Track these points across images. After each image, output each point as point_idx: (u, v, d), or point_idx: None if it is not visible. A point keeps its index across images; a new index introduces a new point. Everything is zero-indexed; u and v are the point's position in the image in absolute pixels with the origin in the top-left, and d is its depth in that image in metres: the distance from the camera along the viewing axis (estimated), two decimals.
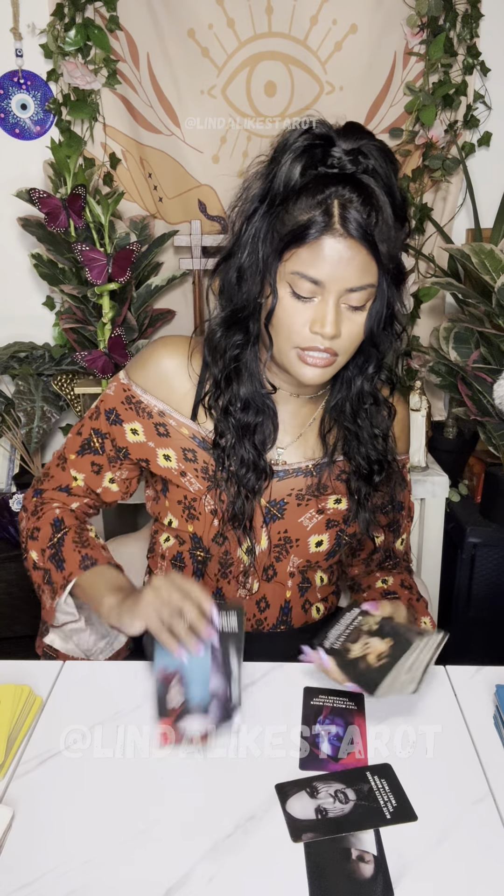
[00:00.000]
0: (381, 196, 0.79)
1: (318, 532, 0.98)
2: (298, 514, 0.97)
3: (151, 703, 0.80)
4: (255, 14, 1.81)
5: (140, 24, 1.80)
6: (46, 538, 0.96)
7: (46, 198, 1.71)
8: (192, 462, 0.95)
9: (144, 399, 0.95)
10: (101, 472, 1.00)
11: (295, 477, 0.96)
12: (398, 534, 1.08)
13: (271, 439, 0.94)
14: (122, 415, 0.96)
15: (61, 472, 1.01)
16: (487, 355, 1.64)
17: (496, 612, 1.79)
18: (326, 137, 0.79)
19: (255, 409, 0.92)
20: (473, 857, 0.66)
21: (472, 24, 1.80)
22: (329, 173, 0.78)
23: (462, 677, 0.89)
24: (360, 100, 1.88)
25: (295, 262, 0.80)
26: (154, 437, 0.95)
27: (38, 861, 0.64)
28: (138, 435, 0.96)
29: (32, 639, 1.07)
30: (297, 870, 0.64)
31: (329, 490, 0.97)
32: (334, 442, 0.97)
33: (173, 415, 0.94)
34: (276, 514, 0.97)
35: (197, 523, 0.97)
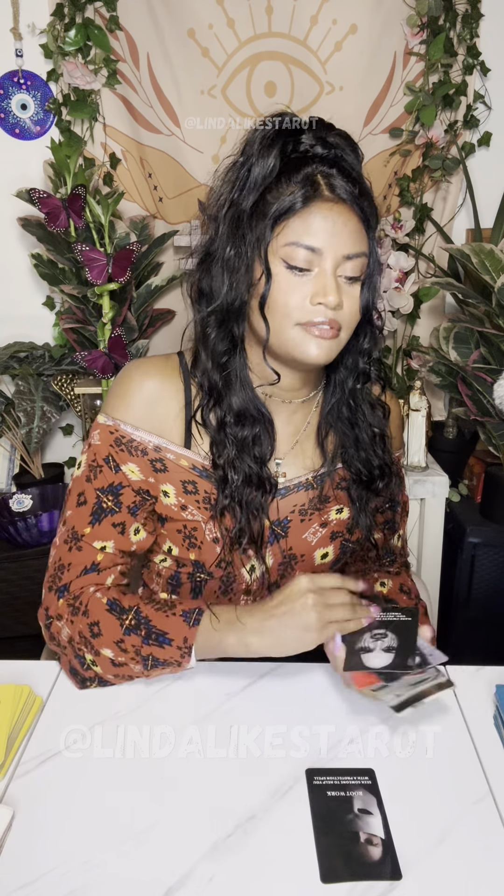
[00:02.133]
0: (360, 179, 0.81)
1: (323, 545, 0.97)
2: (302, 531, 0.95)
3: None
4: (255, 14, 1.81)
5: (140, 24, 1.80)
6: (115, 628, 0.84)
7: (46, 198, 1.71)
8: (192, 494, 0.90)
9: (137, 436, 0.88)
10: (126, 530, 0.90)
11: (297, 492, 0.94)
12: (394, 530, 1.07)
13: (270, 449, 0.91)
14: (117, 457, 0.89)
15: (80, 554, 0.89)
16: (487, 355, 1.64)
17: (496, 612, 1.79)
18: (295, 129, 0.81)
19: (250, 419, 0.88)
20: (473, 857, 0.65)
21: (472, 24, 1.80)
22: (305, 155, 0.79)
23: (462, 677, 0.89)
24: (360, 100, 1.88)
25: (288, 234, 0.78)
26: (151, 473, 0.90)
27: (38, 861, 0.64)
28: (136, 474, 0.89)
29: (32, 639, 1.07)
30: (297, 870, 0.64)
31: (330, 501, 0.95)
32: (333, 450, 0.95)
33: (170, 447, 0.89)
34: (280, 534, 0.94)
35: (198, 551, 0.93)
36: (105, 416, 0.90)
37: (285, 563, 0.96)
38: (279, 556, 0.95)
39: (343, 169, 0.80)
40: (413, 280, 1.78)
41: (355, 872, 0.63)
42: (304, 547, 0.96)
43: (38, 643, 1.10)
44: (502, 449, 1.72)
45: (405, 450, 1.74)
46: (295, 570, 0.97)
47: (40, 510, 1.82)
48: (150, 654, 0.84)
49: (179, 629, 0.83)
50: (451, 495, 1.78)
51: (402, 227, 1.80)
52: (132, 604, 0.86)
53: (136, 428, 0.89)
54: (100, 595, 0.87)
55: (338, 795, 0.71)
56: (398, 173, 1.93)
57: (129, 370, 0.91)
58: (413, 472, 1.72)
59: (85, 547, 0.89)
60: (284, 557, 0.96)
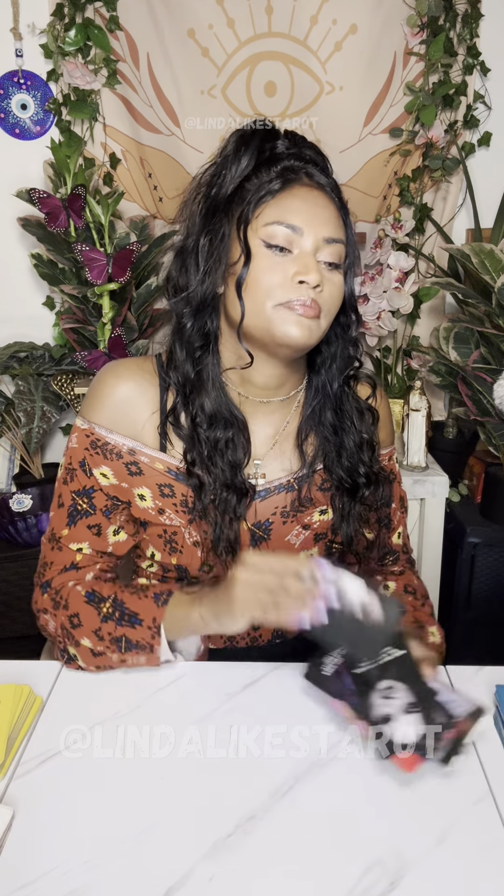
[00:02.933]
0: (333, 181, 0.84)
1: (307, 548, 0.95)
2: (284, 533, 0.93)
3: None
4: (255, 14, 1.81)
5: (140, 24, 1.80)
6: (93, 617, 0.86)
7: (46, 198, 1.71)
8: (169, 497, 0.89)
9: (111, 439, 0.89)
10: (102, 532, 0.92)
11: (277, 494, 0.92)
12: (391, 527, 1.04)
13: (245, 454, 0.89)
14: (90, 461, 0.89)
15: (59, 554, 0.92)
16: (487, 355, 1.64)
17: (496, 612, 1.79)
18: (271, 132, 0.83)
19: (222, 422, 0.87)
20: (473, 857, 0.65)
21: (472, 24, 1.81)
22: (281, 153, 0.82)
23: (462, 677, 0.89)
24: (360, 100, 1.88)
25: (268, 215, 0.79)
26: (126, 477, 0.90)
27: (38, 861, 0.64)
28: (108, 479, 0.90)
29: (32, 639, 1.07)
30: (297, 870, 0.64)
31: (313, 502, 0.93)
32: (313, 453, 0.92)
33: (144, 450, 0.89)
34: (262, 536, 0.93)
35: (180, 556, 0.92)
36: (81, 418, 0.91)
37: None
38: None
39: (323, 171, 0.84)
40: (413, 280, 1.78)
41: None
42: (287, 549, 0.94)
43: (38, 643, 1.10)
44: (502, 449, 1.72)
45: (405, 450, 1.74)
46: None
47: (40, 510, 1.82)
48: (123, 635, 0.85)
49: (149, 609, 0.85)
50: (451, 495, 1.78)
51: (402, 227, 1.80)
52: (110, 592, 0.88)
53: (109, 431, 0.89)
54: (79, 588, 0.89)
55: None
56: (398, 173, 1.93)
57: (104, 373, 0.91)
58: (413, 472, 1.72)
59: (64, 548, 0.92)
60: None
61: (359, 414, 0.93)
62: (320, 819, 0.69)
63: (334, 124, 1.89)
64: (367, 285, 1.78)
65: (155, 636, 0.84)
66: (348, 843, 0.67)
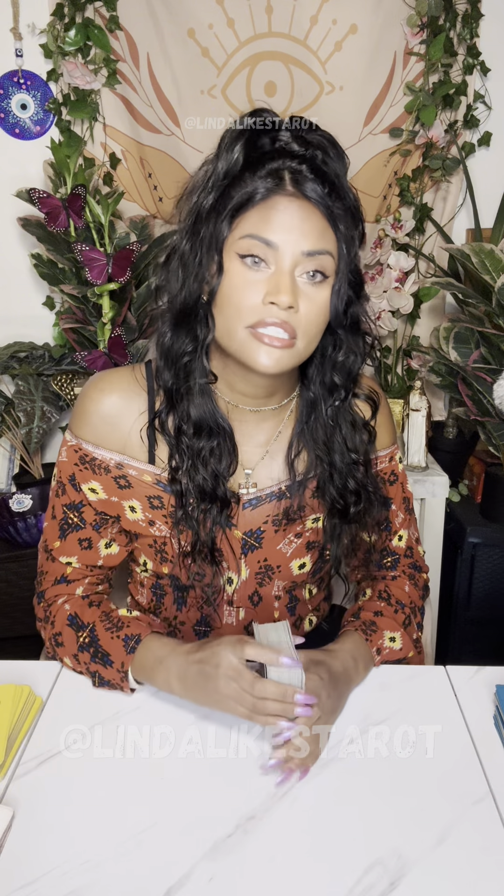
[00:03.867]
0: (334, 179, 0.75)
1: (299, 556, 0.94)
2: (277, 542, 0.92)
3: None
4: (255, 14, 1.81)
5: (140, 24, 1.80)
6: (72, 642, 0.88)
7: (46, 198, 1.71)
8: (158, 509, 0.89)
9: (98, 454, 0.88)
10: (93, 545, 0.92)
11: (268, 502, 0.91)
12: (391, 530, 0.99)
13: (230, 465, 0.87)
14: (78, 476, 0.89)
15: (52, 565, 0.93)
16: (487, 355, 1.64)
17: (496, 612, 1.79)
18: (272, 123, 0.77)
19: (207, 430, 0.84)
20: (473, 857, 0.65)
21: (472, 24, 1.80)
22: (276, 148, 0.74)
23: (462, 677, 0.89)
24: (360, 100, 1.88)
25: (245, 227, 0.74)
26: (115, 491, 0.89)
27: (38, 861, 0.64)
28: (97, 493, 0.89)
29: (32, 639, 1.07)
30: (297, 870, 0.64)
31: (306, 510, 0.91)
32: (305, 469, 0.90)
33: (132, 464, 0.88)
34: (253, 545, 0.92)
35: (171, 565, 0.92)
36: (69, 433, 0.90)
37: (262, 573, 0.94)
38: (255, 566, 0.93)
39: (317, 168, 0.75)
40: (413, 280, 1.78)
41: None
42: (280, 558, 0.93)
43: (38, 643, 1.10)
44: (502, 449, 1.72)
45: (405, 450, 1.74)
46: (273, 581, 0.95)
47: (40, 510, 1.81)
48: (97, 671, 0.86)
49: (119, 653, 0.85)
50: (451, 495, 1.78)
51: (402, 227, 1.80)
52: (90, 620, 0.88)
53: (96, 446, 0.88)
54: (67, 607, 0.91)
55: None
56: (398, 173, 1.93)
57: (88, 387, 0.89)
58: (413, 472, 1.72)
59: (55, 560, 0.93)
60: (261, 568, 0.93)
61: (352, 430, 0.88)
62: (320, 819, 0.69)
63: (334, 124, 1.86)
64: (367, 285, 1.78)
65: (124, 679, 0.84)
66: (348, 843, 0.67)
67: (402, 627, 0.93)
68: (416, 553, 1.03)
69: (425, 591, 1.03)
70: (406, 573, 1.01)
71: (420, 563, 1.03)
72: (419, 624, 0.99)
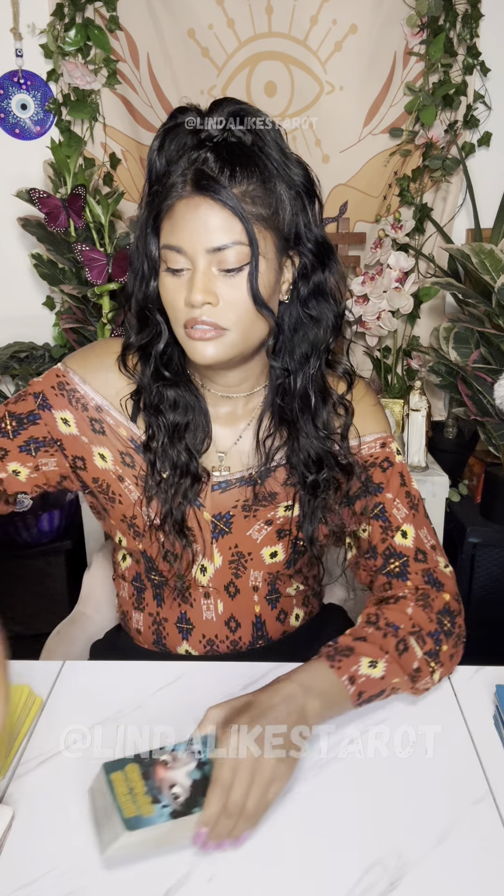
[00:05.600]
0: (244, 157, 0.75)
1: (270, 544, 0.92)
2: (246, 527, 0.91)
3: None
4: (255, 14, 1.81)
5: (140, 24, 1.80)
6: None
7: (46, 198, 1.71)
8: (130, 467, 0.89)
9: (81, 389, 0.88)
10: (5, 460, 0.88)
11: (237, 487, 0.90)
12: (388, 521, 0.90)
13: (203, 441, 0.89)
14: (52, 401, 0.88)
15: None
16: (487, 355, 1.64)
17: (496, 612, 1.79)
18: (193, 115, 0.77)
19: (183, 406, 0.87)
20: (473, 857, 0.65)
21: (472, 24, 1.81)
22: (191, 144, 0.75)
23: (462, 677, 0.89)
24: (360, 100, 1.88)
25: (163, 237, 0.78)
26: (88, 432, 0.89)
27: (38, 861, 0.64)
28: (69, 426, 0.88)
29: (32, 639, 1.07)
30: (297, 870, 0.64)
31: (278, 497, 0.90)
32: (275, 447, 0.89)
33: (112, 412, 0.89)
34: (223, 529, 0.91)
35: (144, 540, 0.92)
36: (62, 363, 0.91)
37: (235, 561, 0.92)
38: (227, 553, 0.92)
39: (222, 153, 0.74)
40: (413, 280, 1.78)
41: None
42: (250, 545, 0.92)
43: (38, 643, 1.11)
44: (502, 449, 1.72)
45: (405, 450, 1.74)
46: (247, 570, 0.93)
47: (40, 510, 1.82)
48: None
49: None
50: (451, 495, 1.78)
51: (402, 227, 1.80)
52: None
53: (83, 381, 0.89)
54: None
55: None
56: (398, 173, 1.93)
57: (101, 341, 0.93)
58: (413, 472, 1.72)
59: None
60: (233, 556, 0.92)
61: (323, 405, 0.87)
62: (320, 819, 0.69)
63: (334, 124, 1.89)
64: (367, 285, 1.78)
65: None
66: (348, 843, 0.67)
67: (395, 653, 0.81)
68: (431, 559, 0.90)
69: (446, 618, 0.87)
70: (417, 588, 0.89)
71: (440, 576, 0.90)
72: (432, 652, 0.83)
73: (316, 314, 0.84)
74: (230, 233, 0.75)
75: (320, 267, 0.83)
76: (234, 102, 0.77)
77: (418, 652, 0.82)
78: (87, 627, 1.15)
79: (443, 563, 0.92)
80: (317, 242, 0.81)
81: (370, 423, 0.92)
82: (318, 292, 0.84)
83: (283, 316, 0.85)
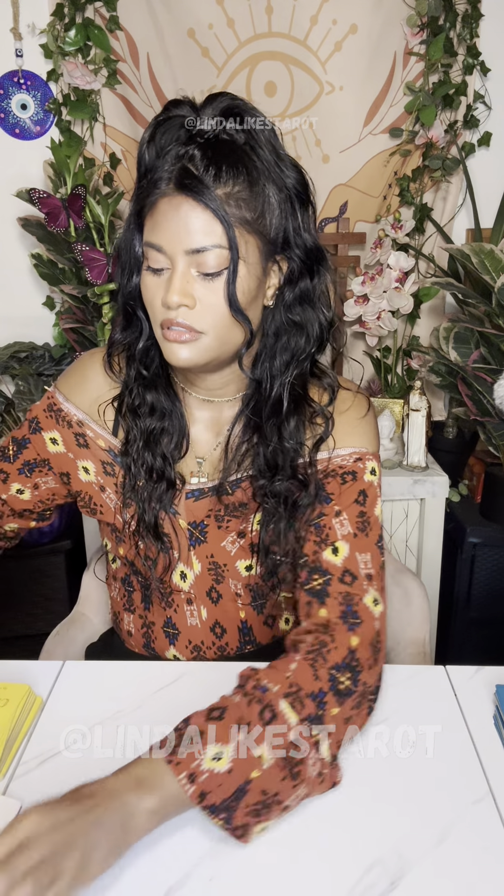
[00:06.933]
0: (232, 156, 0.72)
1: (244, 557, 0.90)
2: (220, 538, 0.90)
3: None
4: (255, 14, 1.81)
5: (140, 24, 1.80)
6: None
7: (46, 198, 1.71)
8: (111, 476, 0.90)
9: (65, 407, 0.91)
10: (7, 482, 0.94)
11: (210, 496, 0.88)
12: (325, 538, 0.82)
13: (179, 446, 0.88)
14: (43, 423, 0.92)
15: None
16: (487, 355, 1.64)
17: (496, 612, 1.79)
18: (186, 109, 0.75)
19: (160, 411, 0.87)
20: (473, 857, 0.65)
21: (472, 24, 1.81)
22: (183, 139, 0.73)
23: (462, 677, 0.89)
24: (360, 100, 1.88)
25: (146, 234, 0.76)
26: (74, 447, 0.91)
27: None
28: (58, 445, 0.91)
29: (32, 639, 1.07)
30: (297, 870, 0.64)
31: (249, 508, 0.88)
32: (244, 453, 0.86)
33: (91, 425, 0.90)
34: (199, 538, 0.90)
35: (124, 545, 0.92)
36: (53, 383, 0.94)
37: (213, 569, 0.91)
38: (205, 561, 0.91)
39: (208, 150, 0.72)
40: (413, 280, 1.78)
41: None
42: (225, 556, 0.90)
43: (37, 643, 1.11)
44: (502, 449, 1.72)
45: (405, 450, 1.74)
46: (226, 580, 0.91)
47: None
48: None
49: None
50: (451, 495, 1.78)
51: (402, 227, 1.80)
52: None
53: (66, 399, 0.91)
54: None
55: None
56: (398, 173, 1.93)
57: (83, 355, 0.94)
58: (413, 472, 1.72)
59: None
60: (210, 565, 0.91)
61: (296, 416, 0.84)
62: (320, 819, 0.69)
63: (334, 124, 1.89)
64: (367, 285, 1.78)
65: None
66: (348, 843, 0.67)
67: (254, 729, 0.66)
68: (359, 586, 0.78)
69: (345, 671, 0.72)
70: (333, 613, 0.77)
71: (361, 611, 0.77)
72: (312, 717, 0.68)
73: (300, 320, 0.82)
74: (210, 235, 0.73)
75: (308, 274, 0.80)
76: (229, 98, 0.75)
77: (290, 720, 0.67)
78: (86, 628, 1.16)
79: (371, 598, 0.78)
80: (306, 248, 0.79)
81: (349, 437, 0.86)
82: (304, 299, 0.81)
83: (266, 321, 0.82)
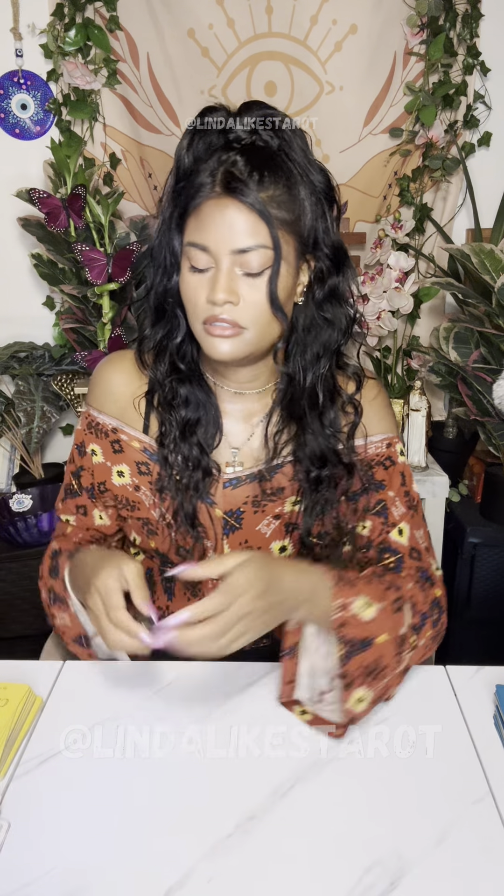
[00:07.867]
0: (272, 161, 0.77)
1: (279, 538, 0.94)
2: (256, 522, 0.93)
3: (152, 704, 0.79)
4: (255, 14, 1.81)
5: (140, 24, 1.80)
6: (47, 571, 0.95)
7: (46, 198, 1.71)
8: (146, 475, 0.93)
9: (100, 419, 0.94)
10: (87, 513, 0.98)
11: (248, 483, 0.92)
12: (387, 518, 0.94)
13: (214, 436, 0.91)
14: (86, 441, 0.95)
15: (59, 524, 1.01)
16: (487, 355, 1.64)
17: (496, 612, 1.79)
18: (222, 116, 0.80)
19: (194, 403, 0.90)
20: (473, 857, 0.65)
21: (472, 24, 1.81)
22: (219, 144, 0.78)
23: (462, 677, 0.89)
24: (360, 100, 1.88)
25: (188, 233, 0.80)
26: (110, 455, 0.94)
27: (38, 861, 0.64)
28: (97, 456, 0.95)
29: (32, 639, 1.07)
30: (297, 870, 0.64)
31: (286, 492, 0.92)
32: (284, 442, 0.91)
33: (124, 429, 0.93)
34: (234, 525, 0.93)
35: (157, 538, 0.94)
36: (85, 403, 0.98)
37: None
38: (238, 548, 0.94)
39: (251, 156, 0.77)
40: (413, 280, 1.78)
41: None
42: (259, 539, 0.94)
43: (38, 643, 1.10)
44: (502, 449, 1.72)
45: (405, 450, 1.74)
46: None
47: (40, 510, 1.82)
48: (52, 586, 0.92)
49: (65, 564, 0.91)
50: (451, 495, 1.78)
51: (402, 227, 1.80)
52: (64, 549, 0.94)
53: (99, 411, 0.94)
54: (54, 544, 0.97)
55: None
56: (398, 173, 1.93)
57: (101, 363, 0.97)
58: (413, 472, 1.71)
59: (60, 519, 1.01)
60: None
61: (331, 404, 0.90)
62: (320, 819, 0.69)
63: (334, 124, 1.89)
64: (367, 285, 1.78)
65: (65, 589, 0.89)
66: (348, 843, 0.67)
67: (391, 608, 0.82)
68: (425, 559, 0.94)
69: (435, 610, 0.91)
70: (413, 578, 0.92)
71: (433, 576, 0.94)
72: (417, 627, 0.86)
73: (330, 317, 0.87)
74: (256, 236, 0.77)
75: (336, 271, 0.85)
76: (263, 106, 0.80)
77: (408, 618, 0.85)
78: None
79: (434, 566, 0.96)
80: (333, 247, 0.83)
81: (378, 423, 0.95)
82: (333, 296, 0.86)
83: (297, 317, 0.87)
